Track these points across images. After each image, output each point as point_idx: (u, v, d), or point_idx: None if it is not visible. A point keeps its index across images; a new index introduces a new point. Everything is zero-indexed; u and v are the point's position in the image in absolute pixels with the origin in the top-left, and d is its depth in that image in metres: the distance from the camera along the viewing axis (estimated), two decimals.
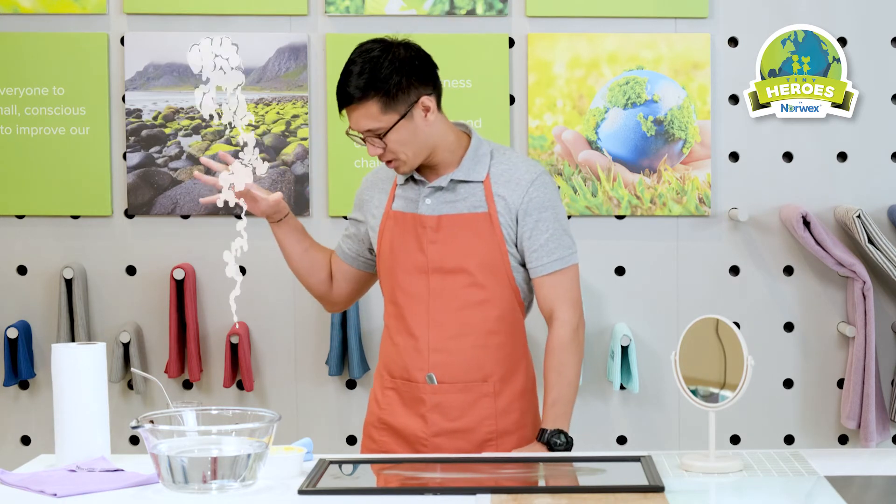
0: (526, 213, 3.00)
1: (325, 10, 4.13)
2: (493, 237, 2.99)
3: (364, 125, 2.96)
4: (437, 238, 3.00)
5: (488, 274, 2.99)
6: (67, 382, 2.72)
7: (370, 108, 2.94)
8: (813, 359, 4.21)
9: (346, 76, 2.97)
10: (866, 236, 4.01)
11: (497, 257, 2.99)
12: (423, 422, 3.00)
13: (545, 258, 3.00)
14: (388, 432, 3.05)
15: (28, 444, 4.17)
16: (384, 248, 3.07)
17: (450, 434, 2.99)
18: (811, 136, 4.17)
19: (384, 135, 2.94)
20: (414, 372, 3.01)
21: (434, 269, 3.00)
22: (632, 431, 4.21)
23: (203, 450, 2.53)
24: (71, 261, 4.13)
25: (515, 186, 3.01)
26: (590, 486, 2.55)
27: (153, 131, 4.14)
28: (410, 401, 3.02)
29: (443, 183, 3.01)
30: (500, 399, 3.02)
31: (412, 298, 3.02)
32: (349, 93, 2.96)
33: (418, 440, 3.01)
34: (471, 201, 3.01)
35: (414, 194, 3.05)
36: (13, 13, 4.11)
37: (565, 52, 4.12)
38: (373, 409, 3.12)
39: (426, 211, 3.02)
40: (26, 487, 2.56)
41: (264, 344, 4.18)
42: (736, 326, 2.70)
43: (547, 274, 3.01)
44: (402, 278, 3.03)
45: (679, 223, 4.18)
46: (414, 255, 3.02)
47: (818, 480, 2.60)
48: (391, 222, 3.06)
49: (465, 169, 3.02)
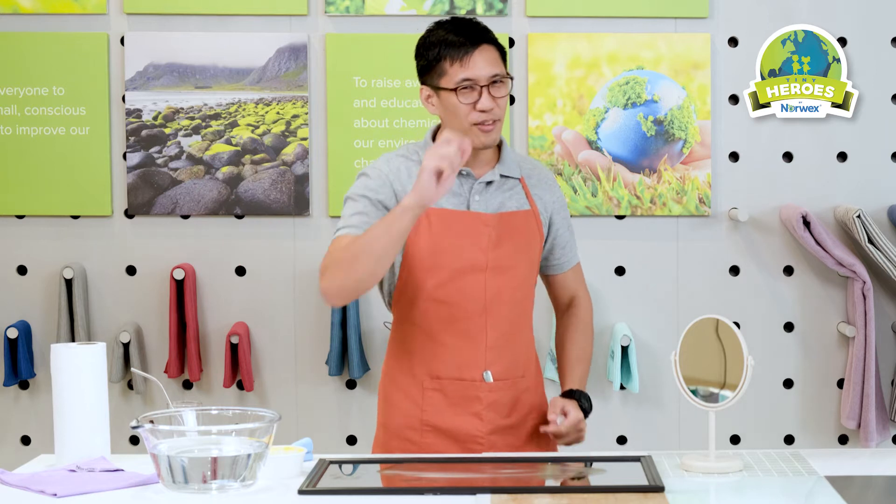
0: (556, 211, 3.08)
1: (325, 10, 4.13)
2: (536, 234, 3.02)
3: (495, 69, 2.91)
4: (497, 237, 2.97)
5: (530, 272, 3.03)
6: (67, 382, 2.72)
7: (498, 52, 2.95)
8: (813, 359, 4.22)
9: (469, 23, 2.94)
10: (866, 236, 4.01)
11: (537, 254, 3.04)
12: (478, 420, 2.98)
13: (570, 253, 3.12)
14: (433, 434, 3.00)
15: (28, 444, 4.17)
16: (422, 247, 2.96)
17: (504, 431, 3.00)
18: (811, 136, 4.17)
19: (509, 80, 2.93)
20: (469, 371, 2.98)
21: (492, 267, 2.96)
22: (632, 431, 4.22)
23: (203, 450, 2.53)
24: (71, 261, 4.13)
25: (546, 186, 3.07)
26: (590, 486, 2.55)
27: (153, 131, 4.14)
28: (462, 400, 2.98)
29: (494, 177, 2.98)
30: (534, 394, 3.08)
31: (468, 298, 2.96)
32: (483, 32, 2.93)
33: (473, 439, 2.98)
34: (517, 199, 3.01)
35: (459, 189, 2.97)
36: (13, 13, 4.11)
37: (565, 52, 4.12)
38: (408, 412, 3.02)
39: (480, 208, 2.97)
40: (26, 487, 2.56)
41: (264, 344, 4.18)
42: (736, 326, 2.70)
43: (571, 268, 3.13)
44: (455, 277, 2.96)
45: (679, 223, 4.18)
46: (471, 254, 2.95)
47: (818, 480, 2.60)
48: (434, 219, 2.95)
49: (508, 165, 3.01)
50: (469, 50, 2.90)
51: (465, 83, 2.90)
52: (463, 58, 2.90)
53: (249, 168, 4.14)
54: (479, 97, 2.90)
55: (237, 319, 4.17)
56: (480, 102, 2.90)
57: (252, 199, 4.14)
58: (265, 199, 4.13)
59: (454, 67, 2.91)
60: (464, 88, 2.90)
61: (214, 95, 4.14)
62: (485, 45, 2.92)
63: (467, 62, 2.90)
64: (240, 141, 4.15)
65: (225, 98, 4.14)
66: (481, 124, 2.91)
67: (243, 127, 4.14)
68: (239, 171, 4.14)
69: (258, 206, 4.14)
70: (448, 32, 2.93)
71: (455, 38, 2.91)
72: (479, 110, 2.90)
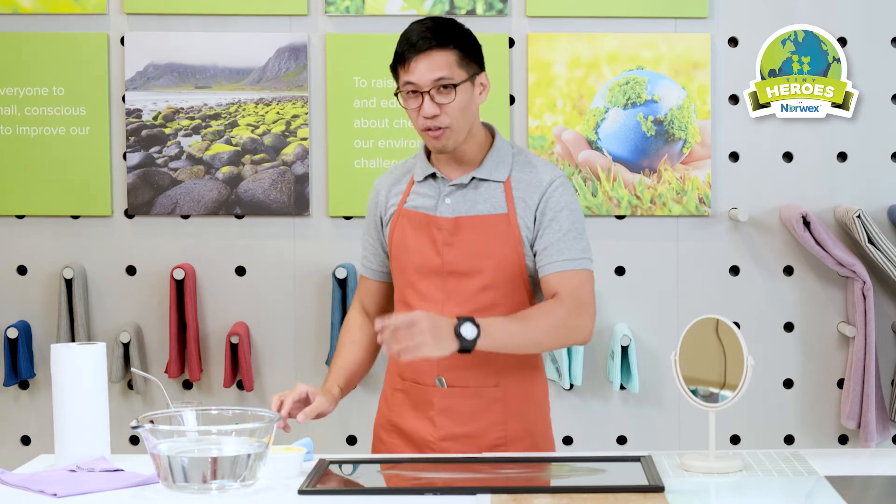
0: (543, 212, 2.94)
1: (325, 10, 4.13)
2: (510, 238, 2.93)
3: (437, 73, 2.86)
4: (453, 240, 2.94)
5: (503, 276, 2.94)
6: (67, 382, 2.72)
7: (448, 56, 2.88)
8: (813, 359, 4.22)
9: (420, 26, 2.90)
10: (866, 236, 4.01)
11: (513, 259, 2.93)
12: (431, 425, 2.96)
13: (554, 256, 2.92)
14: (396, 434, 3.02)
15: (28, 444, 4.17)
16: (395, 246, 3.00)
17: (458, 438, 2.94)
18: (811, 136, 4.17)
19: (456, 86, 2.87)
20: (424, 375, 2.97)
21: (449, 271, 2.94)
22: (632, 431, 4.21)
23: (203, 450, 2.53)
24: (71, 261, 4.13)
25: (535, 188, 2.95)
26: (590, 486, 2.55)
27: (153, 131, 4.14)
28: (419, 404, 2.98)
29: (465, 180, 2.95)
30: (509, 405, 2.98)
31: (426, 301, 2.95)
32: (429, 37, 2.87)
33: (426, 444, 2.97)
34: (492, 202, 2.94)
35: (433, 192, 2.98)
36: (13, 13, 4.11)
37: (565, 52, 4.12)
38: (382, 411, 3.08)
39: (444, 212, 2.95)
40: (26, 487, 2.56)
41: (264, 344, 4.18)
42: (736, 326, 2.70)
43: (554, 272, 2.91)
44: (416, 279, 2.97)
45: (679, 223, 4.18)
46: (429, 257, 2.95)
47: (818, 480, 2.60)
48: (403, 220, 2.99)
49: (488, 168, 2.96)
50: (413, 54, 2.87)
51: (408, 86, 2.89)
52: (407, 61, 2.88)
53: (249, 168, 4.14)
54: (422, 102, 2.88)
55: (237, 319, 4.17)
56: (423, 108, 2.87)
57: (252, 199, 4.14)
58: (265, 199, 4.14)
59: (400, 71, 2.90)
60: (408, 93, 2.89)
61: (214, 95, 4.14)
62: (433, 49, 2.86)
63: (409, 66, 2.88)
64: (240, 141, 4.15)
65: (225, 98, 4.14)
66: (428, 130, 2.90)
67: (243, 127, 4.14)
68: (239, 171, 4.14)
69: (258, 206, 4.14)
70: (403, 36, 2.92)
71: (404, 42, 2.90)
72: (423, 116, 2.88)
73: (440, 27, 2.90)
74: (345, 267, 4.06)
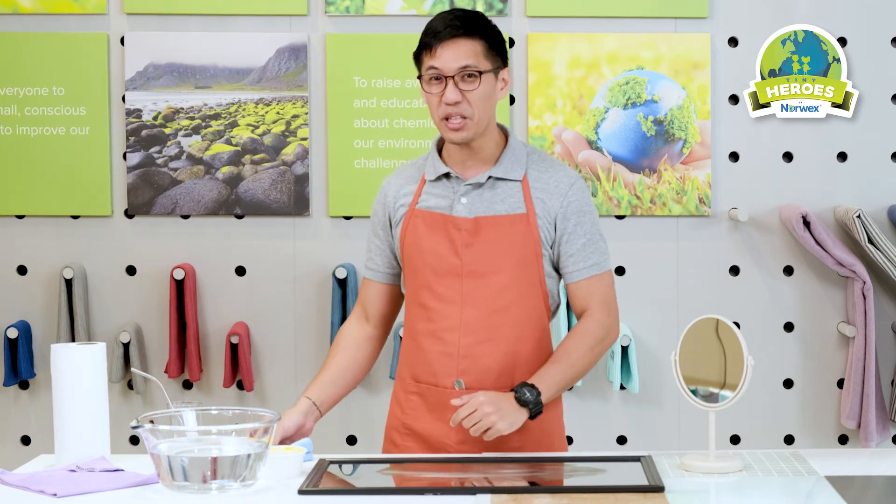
0: (565, 216, 2.93)
1: (325, 10, 4.13)
2: (529, 238, 2.91)
3: (463, 61, 2.85)
4: (472, 241, 2.91)
5: (521, 276, 2.92)
6: (67, 382, 2.72)
7: (475, 45, 2.87)
8: (813, 359, 4.22)
9: (449, 14, 2.89)
10: (866, 236, 4.01)
11: (532, 259, 2.92)
12: (449, 428, 2.90)
13: (581, 263, 2.95)
14: (411, 437, 2.98)
15: (28, 444, 4.17)
16: (408, 248, 2.96)
17: (476, 441, 2.89)
18: (811, 136, 4.17)
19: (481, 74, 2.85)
20: (442, 377, 2.93)
21: (468, 272, 2.91)
22: (632, 431, 4.21)
23: (203, 450, 2.53)
24: (71, 261, 4.13)
25: (554, 190, 2.94)
26: (590, 486, 2.55)
27: (153, 131, 4.14)
28: (436, 406, 2.94)
29: (481, 179, 2.92)
30: None
31: (444, 302, 2.92)
32: (457, 24, 2.86)
33: (444, 446, 2.93)
34: (510, 202, 2.92)
35: (448, 192, 2.95)
36: (13, 13, 4.12)
37: (565, 52, 4.12)
38: (395, 413, 3.04)
39: (461, 212, 2.92)
40: (26, 487, 2.56)
41: (264, 344, 4.18)
42: (736, 326, 2.70)
43: (583, 279, 2.95)
44: (432, 281, 2.93)
45: (679, 223, 4.18)
46: (447, 258, 2.92)
47: (818, 480, 2.60)
48: (417, 220, 2.95)
49: (505, 166, 2.93)
50: (440, 40, 2.86)
51: (431, 72, 2.87)
52: (433, 47, 2.87)
53: (249, 168, 4.14)
54: (444, 88, 2.86)
55: (237, 319, 4.17)
56: (445, 94, 2.85)
57: (252, 199, 4.14)
58: (265, 199, 4.14)
59: (425, 56, 2.89)
60: (431, 78, 2.88)
61: (214, 95, 4.14)
62: (460, 37, 2.86)
63: (436, 52, 2.87)
64: (240, 141, 4.15)
65: (225, 98, 4.14)
66: (448, 119, 2.87)
67: (243, 127, 4.14)
68: (239, 171, 4.14)
69: (258, 206, 4.14)
70: (429, 25, 2.91)
71: (431, 27, 2.89)
72: (445, 103, 2.86)
73: (469, 17, 2.91)
74: (345, 267, 4.06)
